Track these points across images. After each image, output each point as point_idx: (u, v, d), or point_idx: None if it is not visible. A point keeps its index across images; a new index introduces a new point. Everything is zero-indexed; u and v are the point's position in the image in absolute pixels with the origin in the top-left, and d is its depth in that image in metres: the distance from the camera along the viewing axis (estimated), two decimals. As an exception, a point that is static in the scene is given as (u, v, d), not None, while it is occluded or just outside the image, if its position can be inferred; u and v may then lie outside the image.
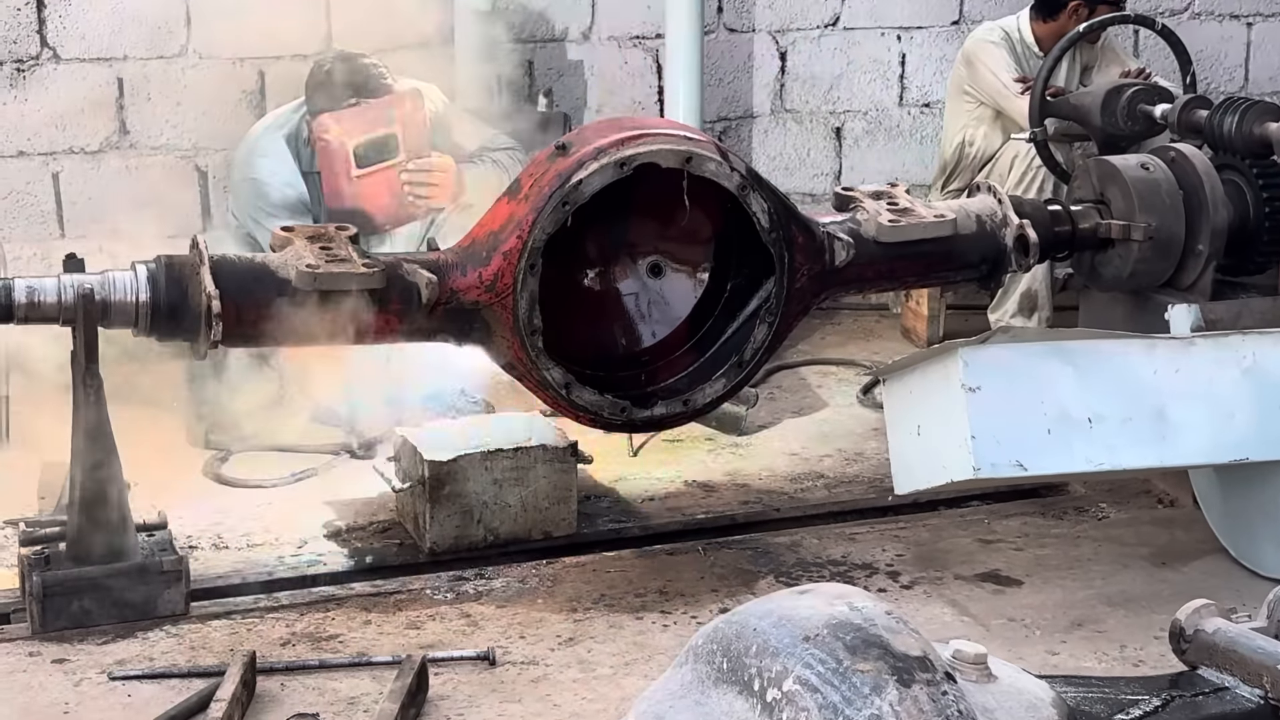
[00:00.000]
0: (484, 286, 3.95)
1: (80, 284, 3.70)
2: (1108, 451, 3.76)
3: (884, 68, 6.78)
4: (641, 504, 4.64)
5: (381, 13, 6.14)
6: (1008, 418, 3.71)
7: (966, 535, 4.43)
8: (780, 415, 5.40)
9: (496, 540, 4.27)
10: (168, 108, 5.98)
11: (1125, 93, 5.00)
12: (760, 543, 4.38)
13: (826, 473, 4.91)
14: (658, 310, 4.43)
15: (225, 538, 4.37)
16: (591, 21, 6.37)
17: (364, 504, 4.57)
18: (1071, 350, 3.80)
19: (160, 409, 5.39)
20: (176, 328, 3.80)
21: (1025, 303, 5.82)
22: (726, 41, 6.56)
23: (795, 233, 4.14)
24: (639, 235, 4.40)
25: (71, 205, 5.97)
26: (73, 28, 5.85)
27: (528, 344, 3.98)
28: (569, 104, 6.30)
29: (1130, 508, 4.60)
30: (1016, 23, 6.04)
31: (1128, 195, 4.46)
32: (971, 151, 6.02)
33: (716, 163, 4.02)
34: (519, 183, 4.05)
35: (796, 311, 4.25)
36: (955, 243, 4.35)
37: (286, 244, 3.94)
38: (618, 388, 4.25)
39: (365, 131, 4.87)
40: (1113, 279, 4.56)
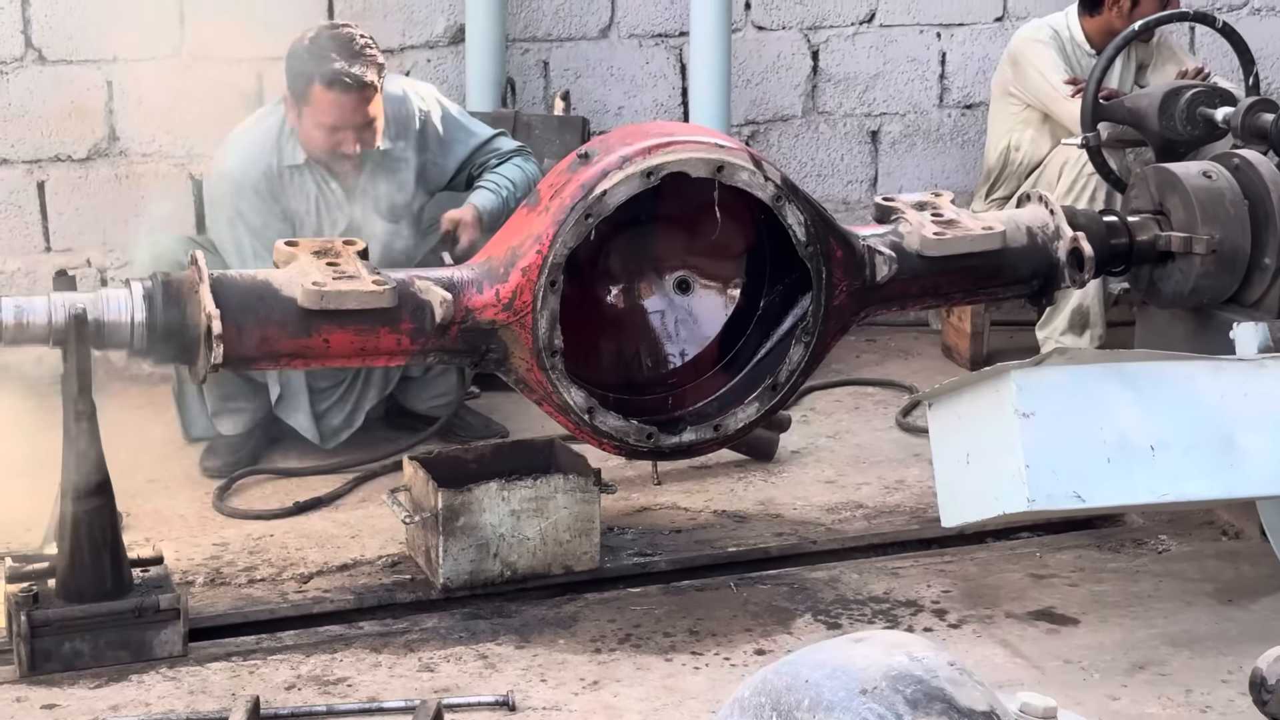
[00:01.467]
0: (501, 305, 3.95)
1: (72, 304, 3.69)
2: (1171, 481, 3.73)
3: (923, 67, 6.77)
4: (668, 536, 4.62)
5: (386, 9, 6.16)
6: (1064, 446, 3.68)
7: (1017, 569, 4.41)
8: (815, 440, 5.39)
9: (514, 576, 4.26)
10: (160, 112, 5.98)
11: (1184, 95, 5.00)
12: (796, 578, 4.36)
13: (865, 502, 4.89)
14: (686, 329, 4.44)
15: (224, 572, 4.36)
16: (611, 18, 6.37)
17: (371, 536, 4.56)
18: (1132, 373, 3.78)
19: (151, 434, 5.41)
20: (174, 350, 3.80)
21: (1076, 320, 5.80)
22: (755, 39, 6.55)
23: (834, 246, 4.13)
24: (666, 249, 4.40)
25: (58, 216, 5.98)
26: (59, 28, 5.86)
27: (548, 366, 3.98)
28: (587, 107, 6.30)
29: (1192, 540, 4.58)
30: (1065, 19, 6.03)
31: (1189, 205, 4.44)
32: (1017, 157, 6.01)
33: (750, 172, 4.02)
34: (539, 194, 4.05)
35: (835, 330, 4.24)
36: (1004, 257, 4.34)
37: (290, 259, 3.94)
38: (643, 412, 4.26)
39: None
40: (1173, 295, 4.55)
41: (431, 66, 6.16)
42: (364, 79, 4.75)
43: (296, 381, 5.01)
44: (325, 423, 5.10)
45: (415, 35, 6.17)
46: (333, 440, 5.11)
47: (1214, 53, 6.70)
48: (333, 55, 4.74)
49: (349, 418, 5.13)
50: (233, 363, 3.81)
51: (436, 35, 6.18)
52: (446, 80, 5.99)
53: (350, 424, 5.14)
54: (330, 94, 4.76)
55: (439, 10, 6.19)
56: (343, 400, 5.09)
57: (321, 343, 3.85)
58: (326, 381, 5.05)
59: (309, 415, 5.06)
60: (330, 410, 5.09)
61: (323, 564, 4.41)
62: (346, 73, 4.73)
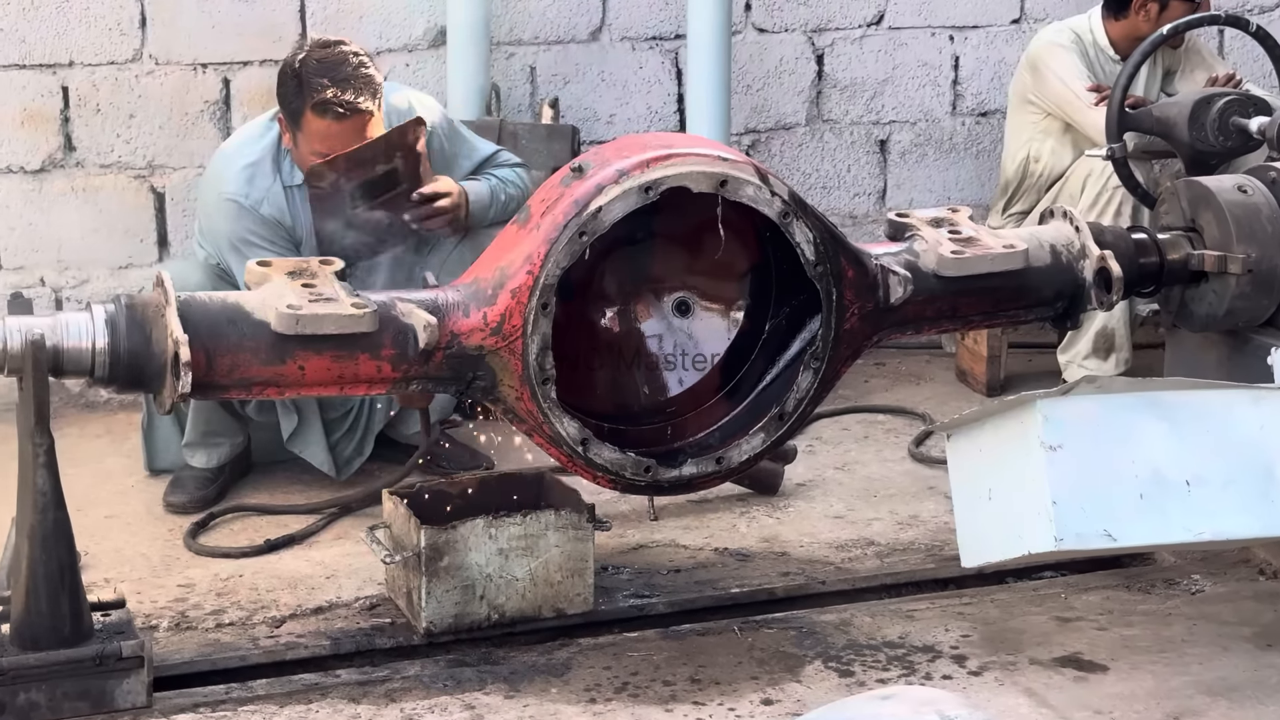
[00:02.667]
0: (489, 329, 3.92)
1: (29, 329, 3.66)
2: (1208, 518, 3.72)
3: (935, 72, 6.78)
4: (666, 576, 4.60)
5: (363, 11, 6.15)
6: (1094, 481, 3.67)
7: (1041, 612, 4.39)
8: (822, 472, 5.37)
9: (502, 619, 4.23)
10: (119, 121, 5.98)
11: (1216, 103, 5.00)
12: (804, 621, 4.34)
13: (877, 539, 4.88)
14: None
15: (191, 616, 4.33)
16: (602, 20, 6.37)
17: (348, 576, 4.54)
18: (1166, 403, 3.77)
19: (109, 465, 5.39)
20: (139, 378, 3.76)
21: (1101, 342, 5.80)
22: (756, 43, 6.55)
23: (845, 265, 4.12)
24: (664, 269, 4.38)
25: (10, 231, 5.96)
26: (11, 30, 5.85)
27: (539, 394, 3.96)
28: (576, 114, 6.29)
29: (1228, 580, 4.56)
30: (1088, 23, 6.03)
31: (1223, 222, 4.44)
32: (1037, 169, 6.00)
33: (755, 186, 4.00)
34: (529, 210, 4.03)
35: (846, 355, 4.22)
36: (1027, 277, 4.33)
37: (264, 280, 3.92)
38: (640, 443, 4.23)
39: (363, 174, 4.82)
40: (1206, 318, 4.54)
41: (410, 71, 6.15)
42: (358, 106, 4.74)
43: (310, 413, 5.02)
44: (337, 453, 5.11)
45: (393, 38, 6.15)
46: (346, 471, 5.13)
47: (1245, 58, 6.72)
48: (324, 81, 4.72)
49: (359, 446, 5.16)
50: (201, 391, 3.78)
51: (416, 38, 6.17)
52: (426, 86, 5.96)
53: (361, 452, 5.17)
54: (323, 122, 4.75)
55: (418, 11, 6.18)
56: (352, 429, 5.10)
57: (296, 370, 3.82)
58: (337, 411, 5.06)
59: (324, 448, 5.07)
60: (341, 440, 5.11)
61: (296, 607, 4.38)
62: (340, 101, 4.72)
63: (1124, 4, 5.93)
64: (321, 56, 4.80)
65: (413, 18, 6.17)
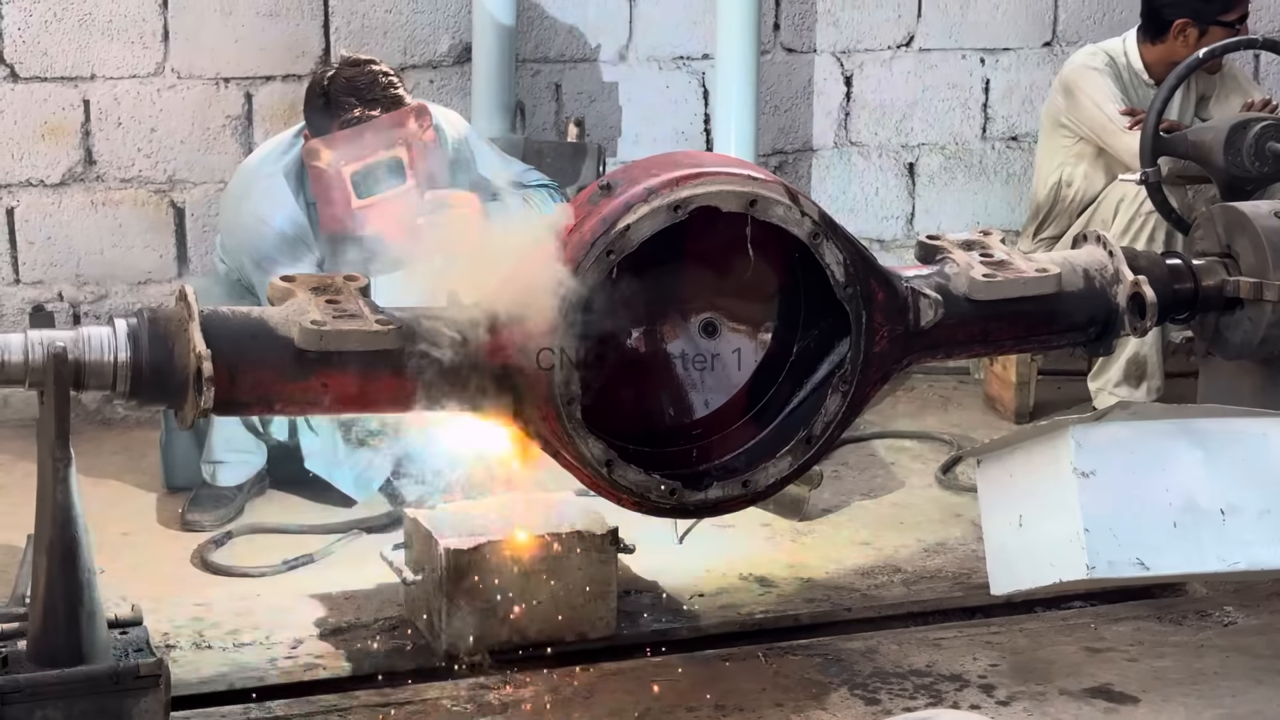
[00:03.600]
0: (515, 347, 3.93)
1: (51, 342, 3.67)
2: (1243, 548, 3.72)
3: (965, 95, 6.79)
4: (690, 600, 4.61)
5: (387, 27, 6.18)
6: (1127, 508, 3.67)
7: (1070, 642, 4.38)
8: (848, 497, 5.38)
9: (523, 641, 4.24)
10: (140, 135, 6.02)
11: (1252, 128, 4.99)
12: (830, 648, 4.34)
13: (903, 566, 4.88)
14: (712, 376, 4.40)
15: (208, 635, 4.35)
16: (629, 39, 6.39)
17: (368, 597, 4.55)
18: (1201, 430, 3.77)
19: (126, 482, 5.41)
20: (160, 392, 3.77)
21: (1132, 370, 5.80)
22: (784, 63, 6.57)
23: (875, 288, 4.12)
24: (691, 289, 4.37)
25: (29, 245, 5.99)
26: (34, 42, 5.89)
27: (564, 414, 3.95)
28: (601, 133, 6.32)
29: (1261, 612, 4.55)
30: (1123, 46, 6.04)
31: (1260, 248, 4.43)
32: (1069, 193, 6.01)
33: (785, 206, 4.00)
34: (557, 227, 4.03)
35: (875, 379, 4.22)
36: (1060, 301, 4.31)
37: (287, 296, 3.92)
38: (665, 465, 4.23)
39: (363, 156, 4.84)
40: (1241, 345, 4.52)
41: (435, 88, 6.18)
42: None
43: (331, 433, 5.04)
44: (357, 474, 5.14)
45: (417, 54, 6.18)
46: (365, 492, 5.14)
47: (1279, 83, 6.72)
48: (352, 100, 4.76)
49: (381, 466, 5.15)
50: (223, 408, 3.79)
51: (440, 55, 6.20)
52: (451, 103, 5.99)
53: (382, 472, 5.17)
54: None
55: (443, 28, 6.21)
56: (375, 448, 5.11)
57: (320, 387, 3.82)
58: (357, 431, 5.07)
59: (346, 468, 5.09)
60: (362, 459, 5.12)
61: (315, 627, 4.39)
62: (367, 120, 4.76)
63: (1162, 28, 5.94)
64: (351, 75, 4.83)
65: (438, 34, 6.20)
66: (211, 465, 5.10)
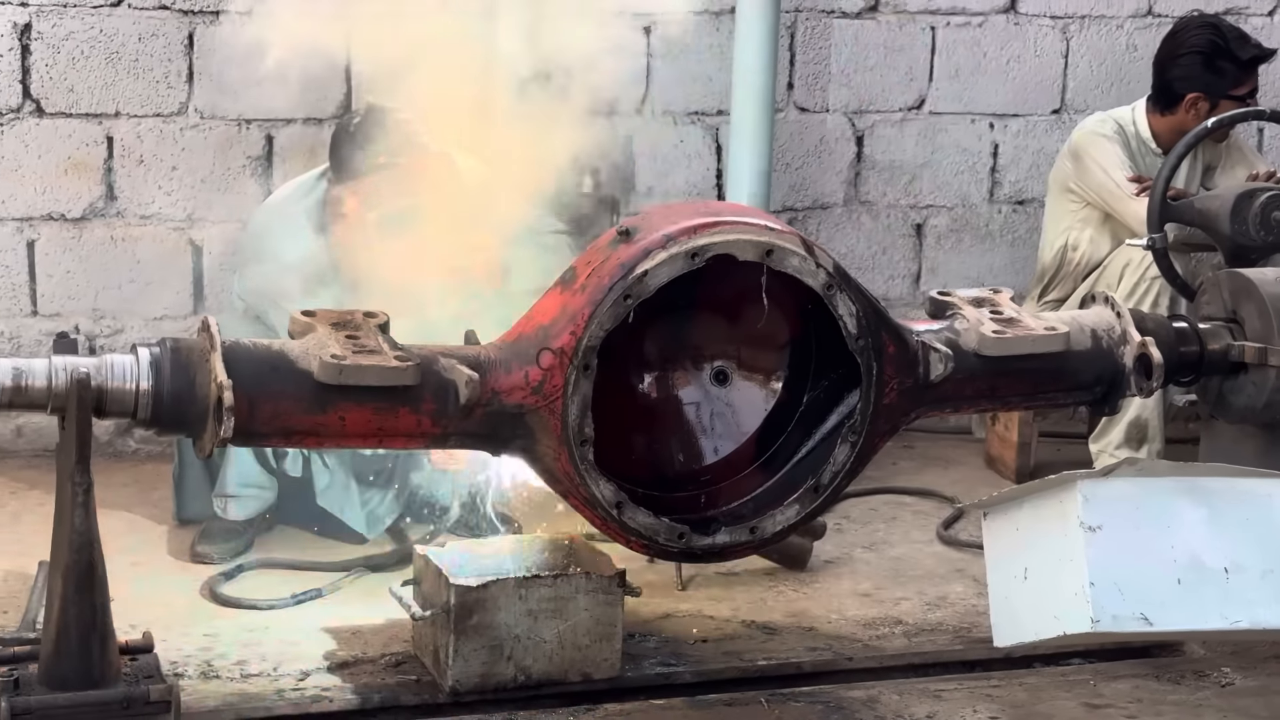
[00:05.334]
0: (530, 388, 3.93)
1: (74, 368, 3.68)
2: (1246, 607, 3.72)
3: (973, 158, 6.82)
4: (693, 645, 4.59)
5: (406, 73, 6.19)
6: (1132, 563, 3.68)
7: (1070, 698, 4.37)
8: (850, 549, 5.38)
9: (528, 681, 4.23)
10: (161, 172, 6.04)
11: (1259, 198, 5.02)
12: (831, 696, 4.33)
13: (905, 618, 4.87)
14: (721, 423, 4.42)
15: (216, 665, 4.33)
16: (645, 93, 6.41)
17: (375, 632, 4.53)
18: (1206, 488, 3.78)
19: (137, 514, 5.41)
20: (180, 421, 3.78)
21: (1134, 432, 5.80)
22: (796, 121, 6.60)
23: (886, 340, 4.13)
24: (704, 336, 4.39)
25: (47, 278, 6.01)
26: (60, 79, 5.91)
27: (576, 455, 3.96)
28: (615, 185, 6.32)
29: (1258, 674, 4.54)
30: (1131, 115, 6.08)
31: (1265, 314, 4.45)
32: (1075, 257, 6.03)
33: (800, 257, 4.02)
34: (574, 271, 4.04)
35: (883, 430, 4.23)
36: (1067, 360, 4.33)
37: (307, 330, 3.93)
38: (674, 510, 4.23)
39: (387, 202, 4.88)
40: (1245, 409, 4.54)
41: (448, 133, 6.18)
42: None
43: (343, 471, 5.04)
44: (368, 511, 5.13)
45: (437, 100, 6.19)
46: (375, 530, 5.14)
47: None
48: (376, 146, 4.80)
49: (390, 505, 5.14)
50: (242, 438, 3.79)
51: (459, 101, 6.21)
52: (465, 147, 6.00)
53: (392, 511, 5.15)
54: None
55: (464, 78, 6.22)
56: (385, 486, 5.10)
57: (337, 420, 3.83)
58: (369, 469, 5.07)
59: (356, 505, 5.09)
60: (372, 499, 5.12)
61: (322, 660, 4.38)
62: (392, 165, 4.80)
63: (1174, 101, 5.98)
64: (375, 123, 4.87)
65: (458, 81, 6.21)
66: (223, 499, 5.10)
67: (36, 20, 5.86)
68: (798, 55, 6.57)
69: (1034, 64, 6.80)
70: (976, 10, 6.70)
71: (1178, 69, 6.00)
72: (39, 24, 5.86)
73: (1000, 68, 6.76)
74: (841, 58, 6.61)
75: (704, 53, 6.40)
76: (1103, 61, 6.84)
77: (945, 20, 6.68)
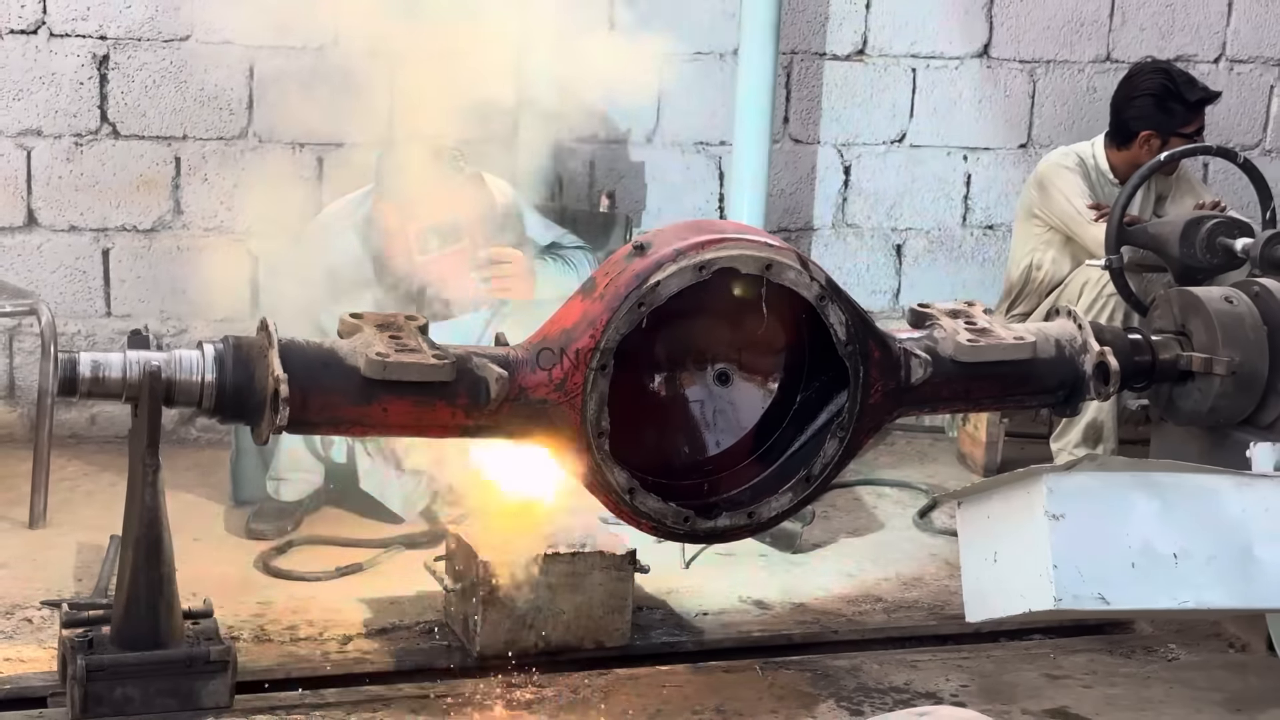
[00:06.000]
0: (553, 385, 3.92)
1: (147, 361, 3.68)
2: (1193, 589, 3.70)
3: (948, 187, 6.81)
4: (695, 618, 4.59)
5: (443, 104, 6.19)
6: (1091, 548, 3.66)
7: (1032, 669, 4.36)
8: (835, 534, 5.36)
9: (548, 647, 4.22)
10: (224, 189, 6.02)
11: (1205, 224, 5.00)
12: (819, 665, 4.32)
13: (884, 596, 4.86)
14: (723, 419, 4.40)
15: (268, 630, 4.33)
16: (656, 125, 6.41)
17: (411, 602, 4.53)
18: (1159, 482, 3.77)
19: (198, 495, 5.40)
20: (240, 410, 3.77)
21: (1090, 433, 5.78)
22: (791, 152, 6.58)
23: (872, 347, 4.12)
24: (708, 341, 4.38)
25: (120, 283, 6.00)
26: (134, 105, 5.91)
27: (594, 446, 3.95)
28: (628, 206, 6.32)
29: (1200, 650, 4.54)
30: (1091, 149, 6.07)
31: (1211, 328, 4.44)
32: (1039, 275, 6.02)
33: (797, 271, 4.01)
34: (594, 281, 4.03)
35: (868, 427, 4.21)
36: (1034, 366, 4.32)
37: (355, 331, 3.92)
38: (679, 497, 4.22)
39: (428, 217, 4.88)
40: (1191, 413, 4.53)
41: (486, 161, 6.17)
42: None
43: (382, 456, 5.03)
44: (405, 495, 5.11)
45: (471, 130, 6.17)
46: (411, 512, 5.13)
47: (1224, 189, 6.73)
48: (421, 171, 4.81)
49: (425, 489, 5.13)
50: (295, 426, 3.78)
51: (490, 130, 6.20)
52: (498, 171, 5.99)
53: (426, 495, 5.14)
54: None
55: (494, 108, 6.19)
56: (418, 475, 5.09)
57: (380, 411, 3.82)
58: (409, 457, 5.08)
59: (395, 490, 5.07)
60: (408, 483, 5.10)
61: (363, 627, 4.37)
62: None
63: (1129, 137, 5.97)
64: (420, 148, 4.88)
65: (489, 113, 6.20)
66: (276, 481, 5.10)
67: (114, 52, 5.85)
68: (793, 93, 6.55)
69: (1004, 103, 6.78)
70: (953, 55, 6.69)
71: (1132, 109, 5.99)
72: (116, 55, 5.86)
73: (974, 106, 6.74)
74: (832, 95, 6.60)
75: (709, 90, 6.40)
76: (1065, 102, 6.82)
77: (925, 63, 6.67)
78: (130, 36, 5.85)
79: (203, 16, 5.88)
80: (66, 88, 5.84)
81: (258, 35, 5.91)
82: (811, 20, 6.51)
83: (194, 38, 5.91)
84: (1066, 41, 6.78)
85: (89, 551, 4.81)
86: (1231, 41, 6.99)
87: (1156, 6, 6.86)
